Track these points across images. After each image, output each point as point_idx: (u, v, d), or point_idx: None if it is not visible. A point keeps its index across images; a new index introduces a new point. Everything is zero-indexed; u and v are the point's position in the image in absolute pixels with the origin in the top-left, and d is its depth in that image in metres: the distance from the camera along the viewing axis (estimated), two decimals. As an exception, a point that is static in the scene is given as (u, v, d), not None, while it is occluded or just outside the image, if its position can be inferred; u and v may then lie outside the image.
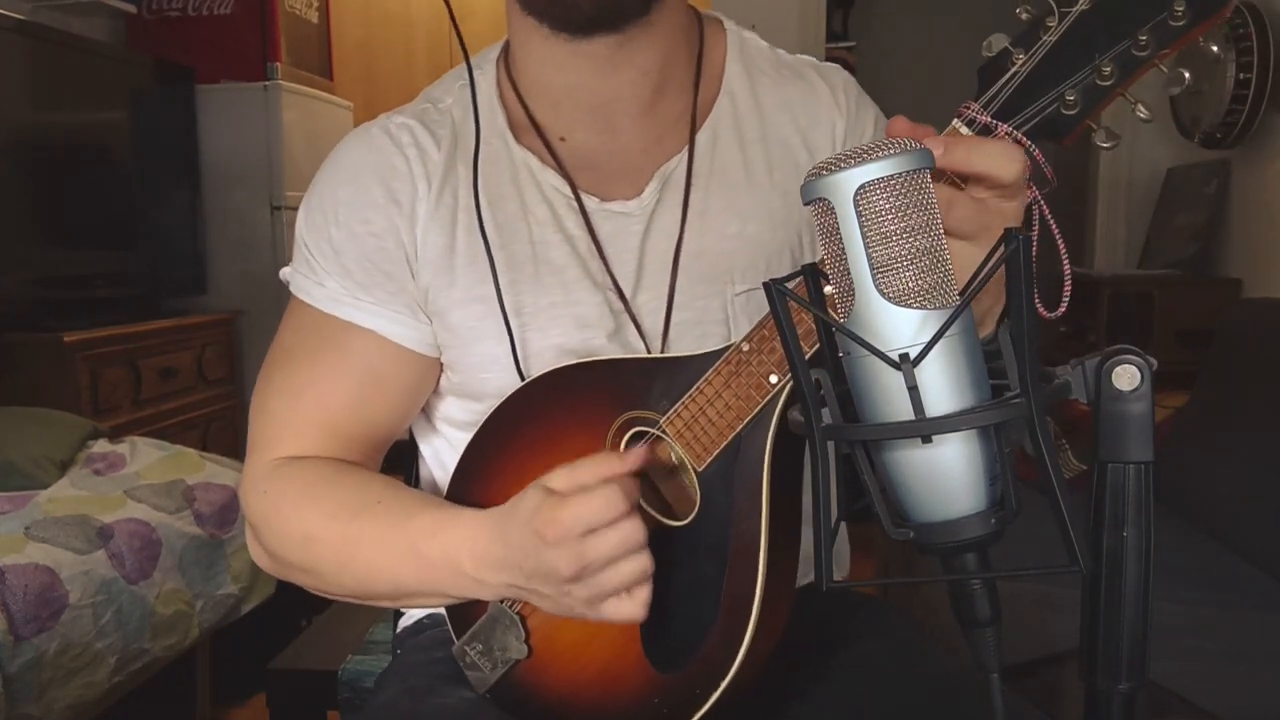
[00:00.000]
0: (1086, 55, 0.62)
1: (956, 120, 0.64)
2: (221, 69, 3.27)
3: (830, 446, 0.50)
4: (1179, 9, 0.60)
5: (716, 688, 0.69)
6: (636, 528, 0.67)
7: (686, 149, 0.86)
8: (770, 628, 0.71)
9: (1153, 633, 0.56)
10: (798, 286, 0.60)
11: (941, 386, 0.47)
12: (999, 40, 0.64)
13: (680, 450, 0.74)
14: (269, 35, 3.29)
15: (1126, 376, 0.54)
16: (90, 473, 2.06)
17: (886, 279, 0.47)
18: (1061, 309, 0.60)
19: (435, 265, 0.84)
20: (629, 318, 0.84)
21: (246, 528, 0.88)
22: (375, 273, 0.84)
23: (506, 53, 0.91)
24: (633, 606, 0.68)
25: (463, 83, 0.88)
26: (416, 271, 0.85)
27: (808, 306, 0.50)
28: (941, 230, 0.47)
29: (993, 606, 0.51)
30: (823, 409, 0.50)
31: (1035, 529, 0.60)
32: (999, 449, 0.48)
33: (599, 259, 0.84)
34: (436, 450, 0.93)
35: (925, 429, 0.47)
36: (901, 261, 0.46)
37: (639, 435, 0.76)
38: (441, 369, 0.88)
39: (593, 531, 0.66)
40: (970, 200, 0.59)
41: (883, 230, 0.46)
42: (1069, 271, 0.63)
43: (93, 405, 2.50)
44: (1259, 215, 2.67)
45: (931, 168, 0.47)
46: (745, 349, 0.71)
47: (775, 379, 0.69)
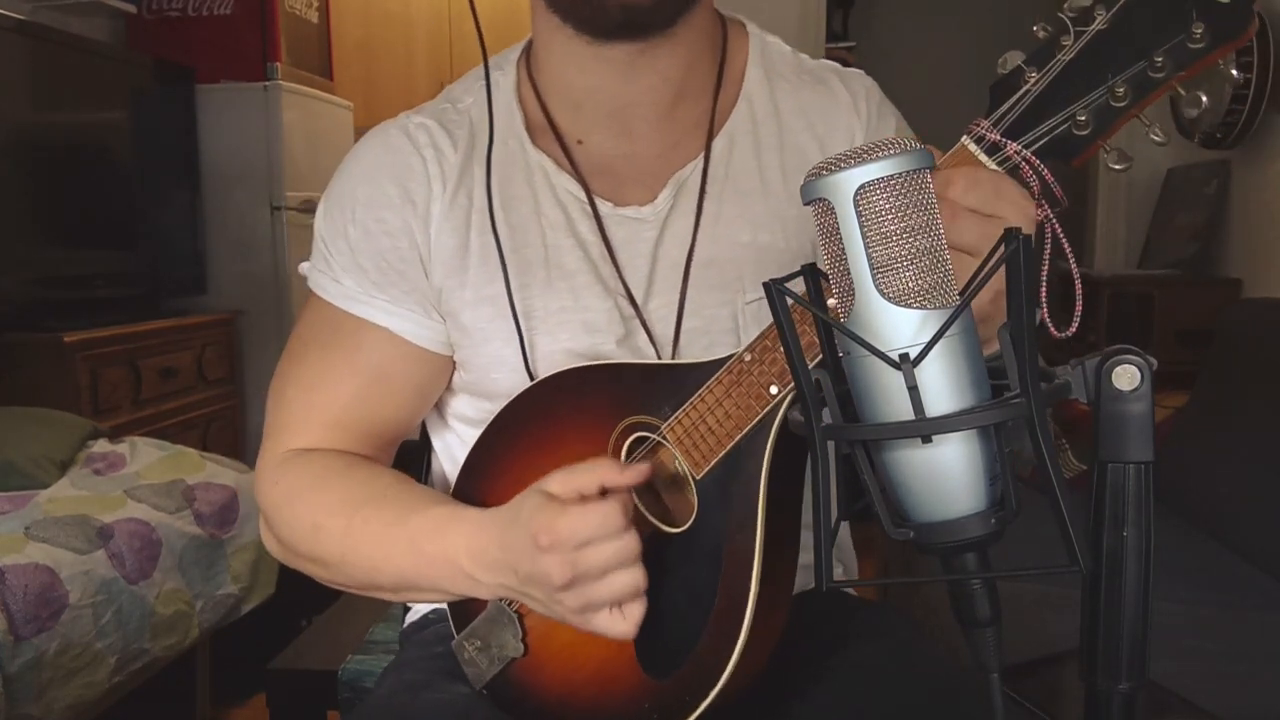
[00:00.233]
0: (1101, 76, 0.61)
1: (966, 137, 0.64)
2: (221, 69, 3.27)
3: (830, 446, 0.50)
4: (1198, 32, 0.58)
5: (706, 696, 0.69)
6: (632, 542, 0.67)
7: (702, 155, 0.86)
8: (764, 637, 0.71)
9: (1153, 633, 0.56)
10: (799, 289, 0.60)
11: (941, 386, 0.47)
12: (1014, 57, 0.63)
13: (680, 457, 0.74)
14: (269, 35, 3.29)
15: (1126, 376, 0.54)
16: (90, 473, 2.06)
17: (886, 279, 0.47)
18: (1072, 329, 0.60)
19: (448, 266, 0.85)
20: (640, 323, 0.84)
21: (260, 516, 0.90)
22: (390, 271, 0.85)
23: (528, 53, 0.91)
24: (624, 625, 0.68)
25: (482, 83, 0.88)
26: (430, 271, 0.85)
27: (808, 306, 0.50)
28: (941, 230, 0.47)
29: (993, 606, 0.51)
30: (823, 409, 0.50)
31: (1035, 529, 0.60)
32: (999, 449, 0.49)
33: (611, 264, 0.84)
34: (448, 445, 0.94)
35: (925, 429, 0.47)
36: (901, 261, 0.46)
37: (640, 440, 0.76)
38: (454, 367, 0.89)
39: (588, 543, 0.66)
40: (978, 218, 0.59)
41: (883, 230, 0.46)
42: (1080, 291, 0.63)
43: (93, 405, 2.50)
44: (1259, 215, 2.67)
45: (932, 168, 0.47)
46: (747, 359, 0.70)
47: (775, 389, 0.69)
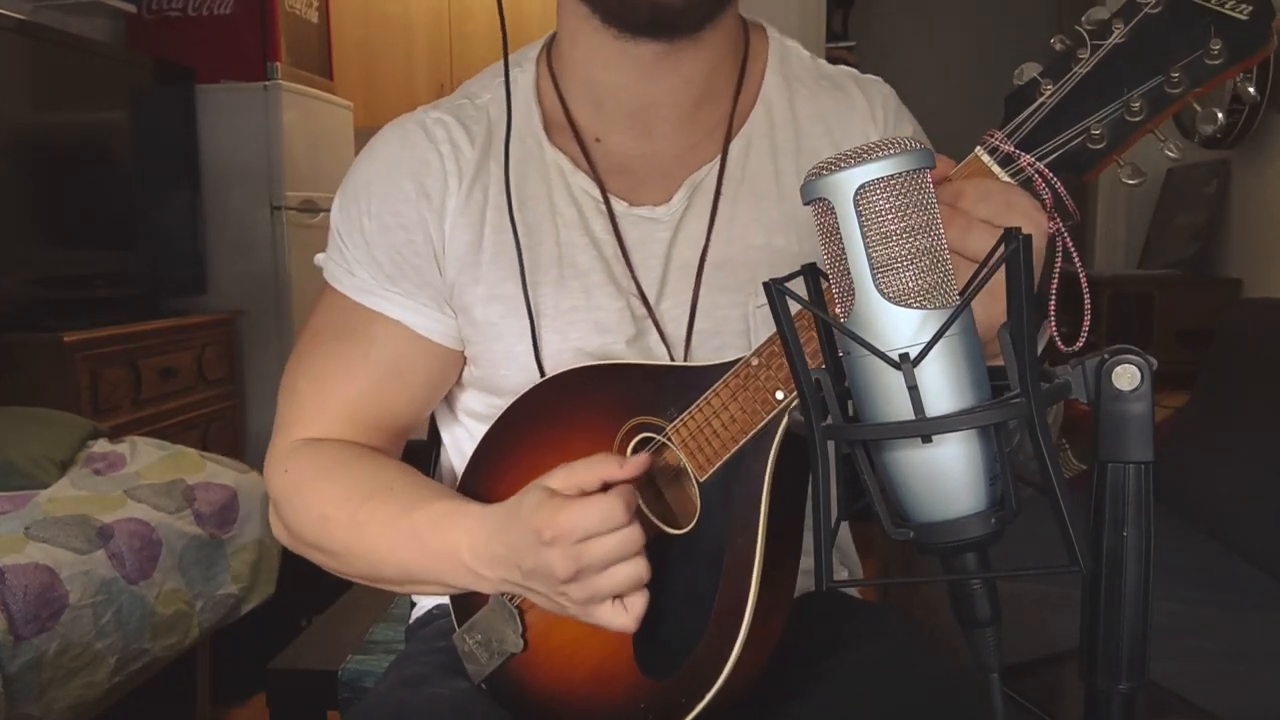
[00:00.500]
0: (1117, 90, 0.60)
1: (979, 148, 0.63)
2: (221, 69, 3.27)
3: (830, 446, 0.50)
4: (1215, 48, 0.58)
5: (702, 698, 0.69)
6: (634, 534, 0.67)
7: (719, 157, 0.86)
8: (762, 641, 0.71)
9: (1153, 633, 0.56)
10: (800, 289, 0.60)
11: (941, 386, 0.47)
12: (1030, 69, 0.63)
13: (684, 459, 0.74)
14: (269, 35, 3.29)
15: (1126, 376, 0.54)
16: (90, 473, 2.06)
17: (886, 279, 0.47)
18: (1079, 344, 0.60)
19: (461, 261, 0.85)
20: (652, 323, 0.84)
21: (269, 504, 0.90)
22: (404, 265, 0.86)
23: (549, 50, 0.91)
24: (626, 618, 0.69)
25: (500, 79, 0.88)
26: (443, 267, 0.86)
27: (807, 306, 0.50)
28: (941, 230, 0.47)
29: (993, 606, 0.51)
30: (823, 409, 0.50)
31: (1035, 529, 0.60)
32: (999, 449, 0.49)
33: (624, 263, 0.84)
34: (456, 439, 0.95)
35: (925, 429, 0.47)
36: (901, 261, 0.46)
37: (645, 441, 0.76)
38: (465, 361, 0.89)
39: (591, 536, 0.66)
40: (990, 229, 0.59)
41: (883, 230, 0.46)
42: (1089, 307, 0.63)
43: (93, 405, 2.50)
44: (1259, 215, 2.67)
45: (932, 167, 0.47)
46: (754, 363, 0.70)
47: (781, 395, 0.68)
